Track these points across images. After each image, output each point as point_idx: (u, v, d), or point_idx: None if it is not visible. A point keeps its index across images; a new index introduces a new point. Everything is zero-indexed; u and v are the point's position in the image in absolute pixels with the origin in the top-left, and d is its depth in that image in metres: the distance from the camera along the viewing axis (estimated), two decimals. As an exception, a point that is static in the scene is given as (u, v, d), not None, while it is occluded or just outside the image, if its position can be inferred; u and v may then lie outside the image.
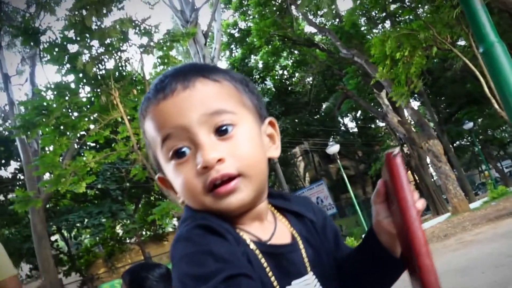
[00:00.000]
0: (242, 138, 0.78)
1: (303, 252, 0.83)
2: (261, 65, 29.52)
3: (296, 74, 30.57)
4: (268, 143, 0.85)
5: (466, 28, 13.03)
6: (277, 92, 29.74)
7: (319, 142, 28.98)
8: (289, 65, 29.88)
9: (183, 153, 0.78)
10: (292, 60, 29.35)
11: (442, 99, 31.71)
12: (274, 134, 0.88)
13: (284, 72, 30.87)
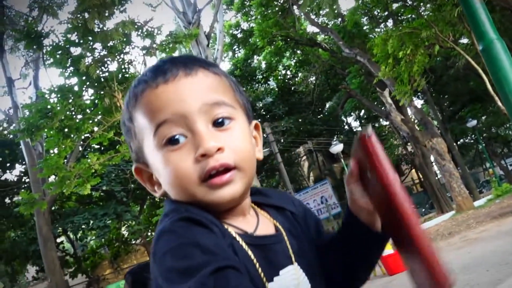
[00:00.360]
0: (238, 132, 0.79)
1: (287, 243, 0.83)
2: (264, 65, 29.55)
3: (299, 74, 30.57)
4: (254, 144, 0.85)
5: (468, 26, 13.00)
6: (280, 92, 29.72)
7: (323, 142, 28.95)
8: (292, 65, 29.85)
9: (177, 140, 0.75)
10: (295, 60, 29.31)
11: (445, 97, 31.62)
12: (258, 137, 0.88)
13: (287, 72, 30.86)
